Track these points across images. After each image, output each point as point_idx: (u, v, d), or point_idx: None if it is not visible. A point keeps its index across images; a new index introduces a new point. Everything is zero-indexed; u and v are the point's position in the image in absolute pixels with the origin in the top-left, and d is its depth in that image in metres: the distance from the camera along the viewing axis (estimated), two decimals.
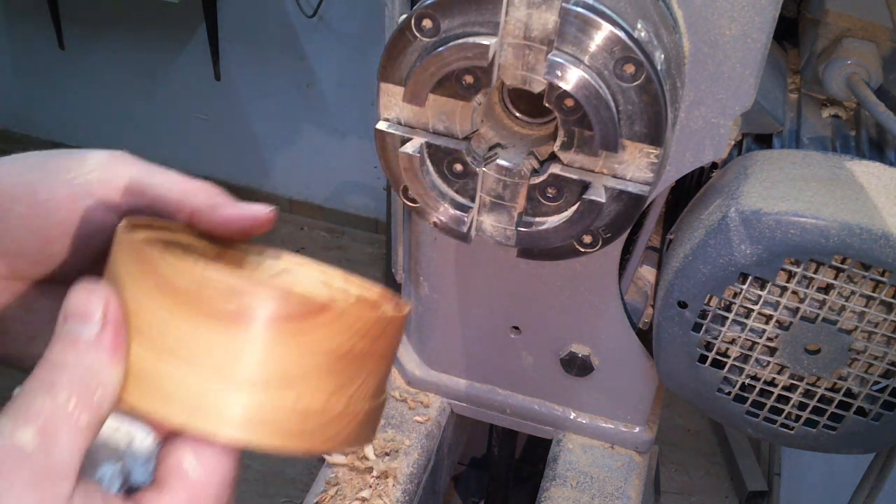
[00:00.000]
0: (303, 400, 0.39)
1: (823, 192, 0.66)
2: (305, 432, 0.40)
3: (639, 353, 0.83)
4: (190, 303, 0.38)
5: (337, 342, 0.40)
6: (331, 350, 0.40)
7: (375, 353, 0.43)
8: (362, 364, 0.42)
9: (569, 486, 0.86)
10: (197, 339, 0.38)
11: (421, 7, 0.52)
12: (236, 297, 0.38)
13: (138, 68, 3.13)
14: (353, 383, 0.42)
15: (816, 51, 0.80)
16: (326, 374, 0.40)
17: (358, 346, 0.41)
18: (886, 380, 0.69)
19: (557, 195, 0.56)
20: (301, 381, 0.39)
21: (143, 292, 0.39)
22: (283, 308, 0.38)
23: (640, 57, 0.50)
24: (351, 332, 0.40)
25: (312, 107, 3.03)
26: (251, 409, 0.38)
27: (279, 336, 0.38)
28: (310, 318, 0.39)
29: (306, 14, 2.78)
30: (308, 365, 0.39)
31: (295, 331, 0.38)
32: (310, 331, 0.39)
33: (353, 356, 0.41)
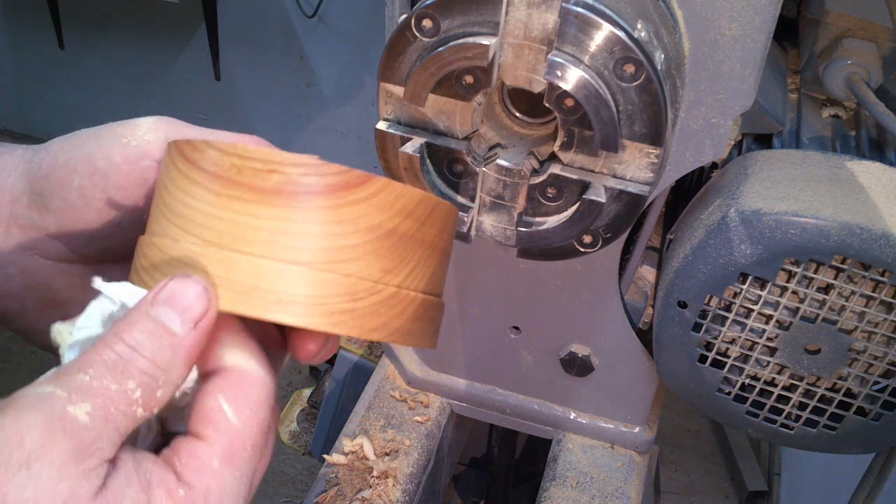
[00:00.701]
0: (350, 279, 0.38)
1: (823, 192, 0.66)
2: (356, 314, 0.39)
3: (639, 353, 0.83)
4: (231, 184, 0.37)
5: (380, 219, 0.39)
6: (374, 227, 0.39)
7: (423, 239, 0.41)
8: (409, 248, 0.41)
9: (569, 486, 0.86)
10: (240, 222, 0.38)
11: (421, 7, 0.52)
12: (274, 172, 0.37)
13: (138, 68, 3.13)
14: (403, 268, 0.41)
15: (816, 51, 0.80)
16: (372, 253, 0.39)
17: (403, 227, 0.40)
18: (886, 380, 0.69)
19: (557, 195, 0.56)
20: (346, 259, 0.38)
21: (188, 186, 0.39)
22: (321, 180, 0.37)
23: (640, 57, 0.50)
24: (394, 209, 0.39)
25: (312, 107, 3.03)
26: (300, 286, 0.38)
27: (320, 209, 0.38)
28: (350, 190, 0.38)
29: (306, 14, 2.78)
30: (352, 242, 0.38)
31: (335, 205, 0.38)
32: (351, 204, 0.38)
33: (399, 237, 0.40)
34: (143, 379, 0.35)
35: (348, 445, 0.87)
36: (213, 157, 0.38)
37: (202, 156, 0.39)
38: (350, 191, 0.38)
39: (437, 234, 0.43)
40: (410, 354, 0.96)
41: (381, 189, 0.39)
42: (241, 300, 0.37)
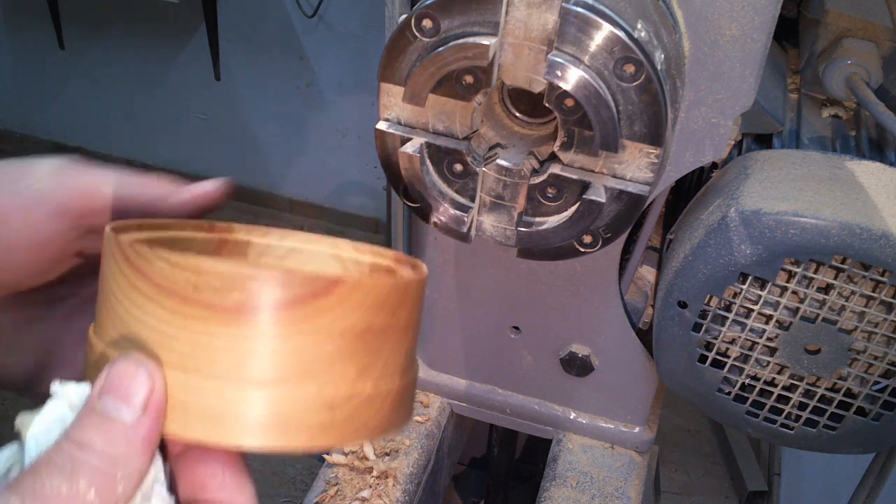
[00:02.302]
0: (326, 390, 0.36)
1: (823, 192, 0.66)
2: (335, 424, 0.36)
3: (639, 353, 0.83)
4: (187, 303, 0.34)
5: (352, 320, 0.36)
6: (347, 329, 0.36)
7: (397, 325, 0.39)
8: (384, 339, 0.38)
9: (569, 486, 0.86)
10: (201, 343, 0.35)
11: (421, 7, 0.52)
12: (233, 288, 0.34)
13: (138, 68, 3.13)
14: (378, 362, 0.38)
15: (816, 51, 0.80)
16: (347, 357, 0.36)
17: (377, 321, 0.37)
18: (886, 380, 0.69)
19: (557, 195, 0.56)
20: (320, 370, 0.36)
21: (138, 299, 0.36)
22: (287, 292, 0.34)
23: (640, 57, 0.50)
24: (366, 306, 0.36)
25: (312, 107, 3.03)
26: (272, 411, 0.35)
27: (288, 324, 0.35)
28: (318, 298, 0.35)
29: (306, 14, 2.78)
30: (325, 351, 0.36)
31: (304, 315, 0.35)
32: (320, 313, 0.35)
33: (373, 333, 0.37)
34: (96, 477, 0.33)
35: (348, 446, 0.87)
36: (165, 270, 0.35)
37: (151, 266, 0.35)
38: (319, 299, 0.35)
39: (410, 312, 0.40)
40: None
41: (352, 290, 0.36)
42: (210, 429, 0.35)
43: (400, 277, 0.40)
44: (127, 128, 3.31)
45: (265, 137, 3.18)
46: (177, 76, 3.11)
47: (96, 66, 3.17)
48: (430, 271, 0.87)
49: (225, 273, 0.34)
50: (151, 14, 2.95)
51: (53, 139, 3.43)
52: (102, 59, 3.15)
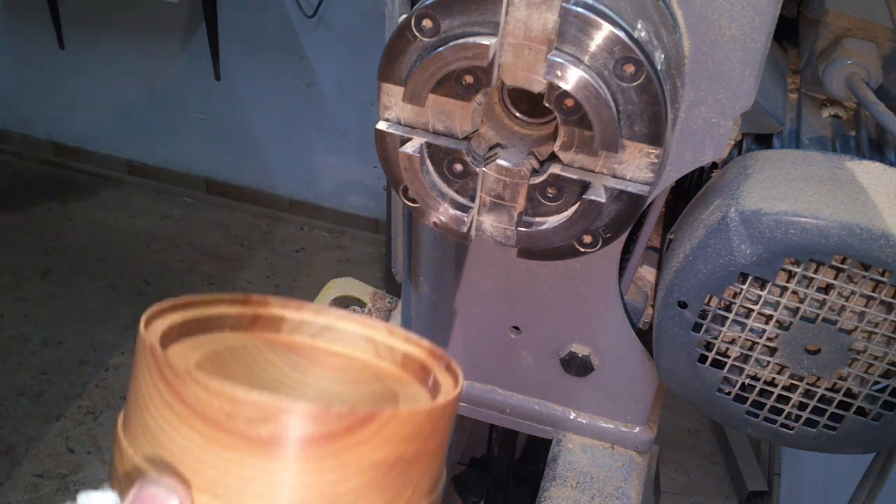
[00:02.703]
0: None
1: (823, 192, 0.66)
2: None
3: (639, 353, 0.83)
4: (220, 430, 0.34)
5: (384, 453, 0.36)
6: (378, 463, 0.36)
7: (429, 450, 0.39)
8: (415, 466, 0.38)
9: (569, 486, 0.86)
10: (232, 471, 0.35)
11: (421, 7, 0.52)
12: (268, 420, 0.34)
13: (138, 68, 3.13)
14: (407, 490, 0.38)
15: (816, 51, 0.80)
16: (376, 488, 0.36)
17: (409, 451, 0.37)
18: (886, 380, 0.69)
19: (557, 195, 0.56)
20: (349, 500, 0.36)
21: (171, 418, 0.36)
22: (321, 427, 0.34)
23: (640, 57, 0.50)
24: (399, 438, 0.36)
25: (312, 107, 3.03)
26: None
27: (319, 459, 0.35)
28: (352, 433, 0.35)
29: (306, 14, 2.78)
30: (355, 483, 0.36)
31: (336, 450, 0.35)
32: (353, 447, 0.35)
33: (405, 462, 0.37)
34: None
35: None
36: (199, 394, 0.35)
37: (186, 388, 0.35)
38: (353, 433, 0.35)
39: (443, 434, 0.40)
40: None
41: (387, 423, 0.36)
42: None
43: (436, 404, 0.39)
44: (127, 128, 3.31)
45: (265, 137, 3.18)
46: (177, 76, 3.11)
47: (96, 66, 3.17)
48: (430, 271, 0.87)
49: (259, 404, 0.34)
50: (151, 14, 2.95)
51: (53, 139, 3.43)
52: (102, 59, 3.15)
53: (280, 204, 3.32)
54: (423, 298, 0.88)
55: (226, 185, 3.34)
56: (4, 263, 2.93)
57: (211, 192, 3.37)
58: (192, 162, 3.33)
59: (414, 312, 0.92)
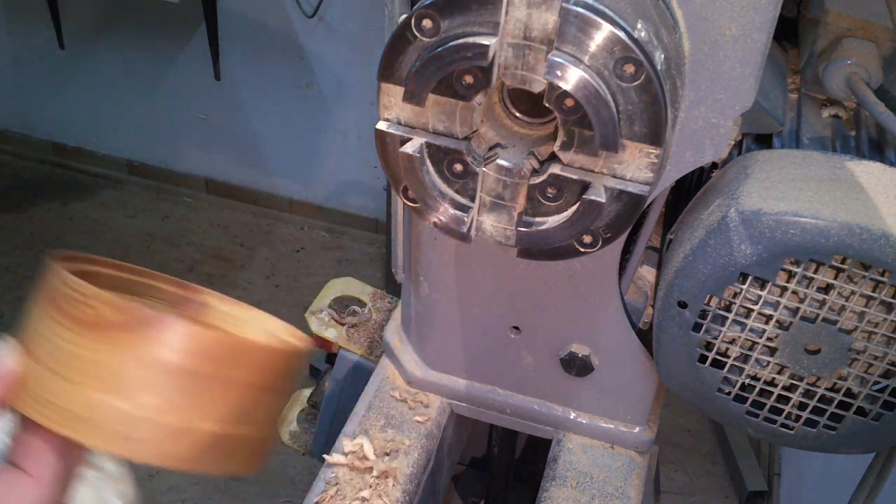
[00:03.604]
0: (131, 407, 0.42)
1: (823, 192, 0.66)
2: (133, 439, 0.43)
3: (639, 353, 0.83)
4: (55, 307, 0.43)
5: (171, 358, 0.42)
6: (163, 363, 0.42)
7: (221, 376, 0.44)
8: (204, 385, 0.44)
9: (569, 486, 0.86)
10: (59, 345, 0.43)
11: (421, 7, 0.52)
12: (85, 303, 0.42)
13: (138, 68, 3.13)
14: (193, 403, 0.44)
15: (816, 51, 0.80)
16: (159, 387, 0.43)
17: (197, 366, 0.43)
18: (886, 380, 0.69)
19: (557, 195, 0.56)
20: (131, 390, 0.42)
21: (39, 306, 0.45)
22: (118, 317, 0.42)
23: (640, 57, 0.50)
24: (187, 350, 0.43)
25: (312, 107, 3.03)
26: (84, 408, 0.42)
27: (115, 343, 0.42)
28: (145, 329, 0.42)
29: (306, 14, 2.79)
30: (138, 375, 0.42)
31: (129, 339, 0.42)
32: (144, 342, 0.42)
33: (191, 375, 0.43)
34: None
35: (348, 445, 0.87)
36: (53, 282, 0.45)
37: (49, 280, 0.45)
38: (145, 329, 0.42)
39: (246, 373, 0.45)
40: (410, 354, 0.96)
41: (176, 330, 0.42)
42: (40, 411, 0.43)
43: (233, 334, 0.47)
44: (127, 128, 3.31)
45: (265, 138, 3.18)
46: (177, 76, 3.11)
47: (96, 66, 3.17)
48: (430, 271, 0.88)
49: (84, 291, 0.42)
50: (151, 14, 2.95)
51: (53, 139, 3.43)
52: (102, 59, 3.15)
53: (280, 204, 3.32)
54: (423, 298, 0.88)
55: (226, 185, 3.34)
56: (4, 263, 2.93)
57: (211, 192, 3.37)
58: (192, 162, 3.33)
59: (414, 312, 0.92)
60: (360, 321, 1.19)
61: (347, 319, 1.19)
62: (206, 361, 0.44)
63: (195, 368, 0.43)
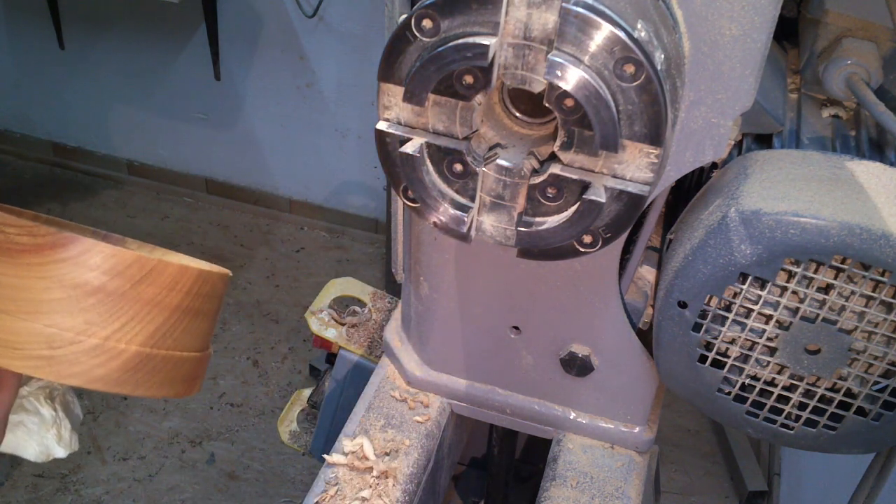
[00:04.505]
0: (48, 329, 0.43)
1: (823, 192, 0.66)
2: (55, 359, 0.43)
3: (639, 353, 0.83)
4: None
5: (86, 276, 0.43)
6: (79, 284, 0.43)
7: (140, 297, 0.45)
8: (122, 304, 0.44)
9: (569, 486, 0.86)
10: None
11: (421, 7, 0.52)
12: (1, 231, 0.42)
13: (138, 68, 3.13)
14: (112, 322, 0.44)
15: (816, 51, 0.80)
16: (76, 307, 0.43)
17: (112, 285, 0.44)
18: (886, 380, 0.69)
19: (557, 195, 0.56)
20: (47, 312, 0.43)
21: None
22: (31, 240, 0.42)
23: (640, 57, 0.50)
24: (102, 269, 0.43)
25: (312, 107, 3.03)
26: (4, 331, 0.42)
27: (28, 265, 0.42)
28: (56, 249, 0.42)
29: (306, 14, 2.78)
30: (57, 294, 0.42)
31: (42, 261, 0.42)
32: (58, 262, 0.42)
33: (108, 294, 0.44)
34: None
35: (348, 445, 0.87)
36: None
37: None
38: (57, 250, 0.42)
39: (166, 293, 0.46)
40: (410, 354, 0.96)
41: (88, 250, 0.42)
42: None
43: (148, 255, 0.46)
44: (127, 128, 3.31)
45: (265, 137, 3.18)
46: (177, 76, 3.11)
47: (96, 66, 3.17)
48: (430, 271, 0.87)
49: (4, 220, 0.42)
50: (151, 14, 2.95)
51: (53, 139, 3.43)
52: (102, 59, 3.15)
53: (280, 204, 3.32)
54: (423, 298, 0.88)
55: (226, 185, 3.34)
56: None
57: (211, 192, 3.37)
58: (192, 162, 3.33)
59: (414, 312, 0.92)
60: (360, 321, 1.19)
61: (347, 319, 1.19)
62: (125, 281, 0.44)
63: (113, 288, 0.44)
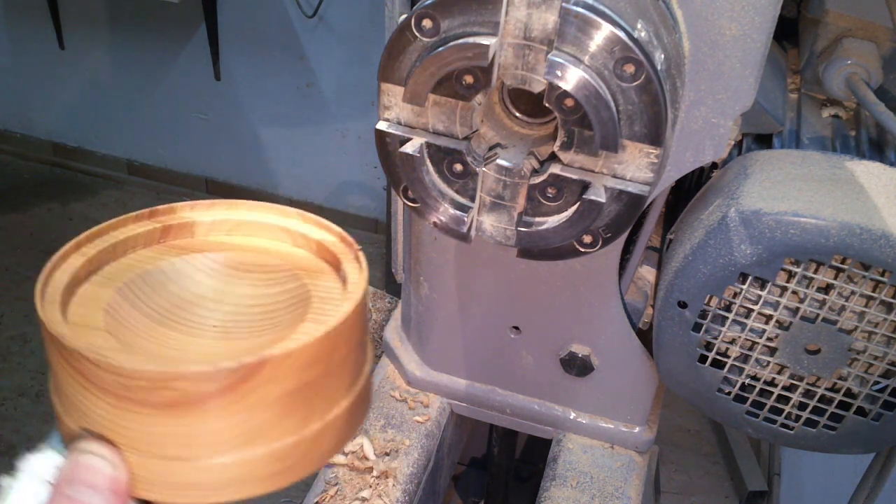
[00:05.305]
0: (272, 447, 0.39)
1: (823, 192, 0.66)
2: (288, 469, 0.39)
3: (639, 353, 0.83)
4: (123, 400, 0.36)
5: (286, 385, 0.38)
6: (283, 395, 0.38)
7: (335, 362, 0.40)
8: (323, 381, 0.40)
9: (569, 486, 0.86)
10: (145, 430, 0.37)
11: (421, 7, 0.52)
12: (162, 388, 0.36)
13: (138, 68, 3.13)
14: (320, 402, 0.40)
15: (816, 51, 0.80)
16: (286, 414, 0.39)
17: (313, 374, 0.39)
18: (886, 380, 0.69)
19: (557, 195, 0.56)
20: (262, 434, 0.38)
21: (81, 391, 0.37)
22: (214, 385, 0.36)
23: (640, 57, 0.50)
24: (297, 368, 0.38)
25: (312, 107, 3.03)
26: (225, 477, 0.38)
27: (222, 408, 0.37)
28: (247, 381, 0.37)
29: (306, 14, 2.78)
30: (263, 418, 0.38)
31: (236, 398, 0.37)
32: (252, 390, 0.37)
33: (309, 384, 0.39)
34: None
35: (348, 445, 0.87)
36: (94, 371, 0.36)
37: (82, 365, 0.37)
38: (248, 381, 0.37)
39: (347, 344, 0.41)
40: (410, 354, 0.96)
41: (280, 363, 0.38)
42: (171, 493, 0.38)
43: (330, 327, 0.40)
44: (127, 128, 3.31)
45: (265, 137, 3.18)
46: (177, 76, 3.11)
47: (96, 66, 3.17)
48: (430, 271, 0.87)
49: (149, 375, 0.36)
50: (151, 14, 2.95)
51: (53, 139, 3.43)
52: (102, 59, 3.15)
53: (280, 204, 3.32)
54: (423, 298, 0.88)
55: (226, 185, 3.34)
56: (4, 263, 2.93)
57: (211, 192, 3.37)
58: (192, 162, 3.33)
59: (414, 312, 0.92)
60: None
61: None
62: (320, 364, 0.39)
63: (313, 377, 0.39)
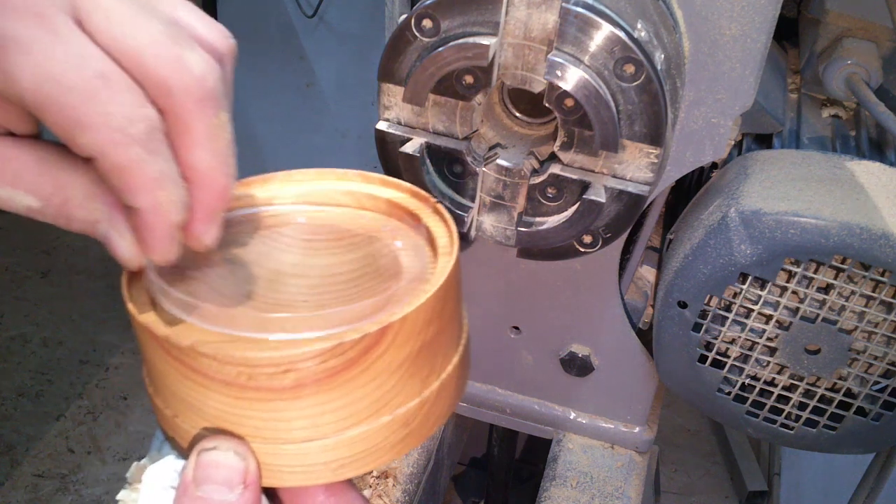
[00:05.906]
0: (398, 413, 0.38)
1: (823, 192, 0.66)
2: (415, 431, 0.39)
3: (639, 353, 0.83)
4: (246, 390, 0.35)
5: (407, 349, 0.37)
6: (405, 359, 0.37)
7: (444, 319, 0.39)
8: (438, 340, 0.39)
9: (569, 486, 0.86)
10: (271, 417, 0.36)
11: (421, 7, 0.52)
12: (287, 371, 0.35)
13: None
14: (437, 359, 0.39)
15: (816, 51, 0.80)
16: (409, 378, 0.38)
17: (428, 336, 0.38)
18: (886, 380, 0.69)
19: (557, 195, 0.56)
20: (388, 402, 0.37)
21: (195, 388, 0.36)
22: (340, 360, 0.35)
23: (640, 57, 0.50)
24: (417, 330, 0.37)
25: (312, 107, 3.03)
26: (356, 450, 0.37)
27: (349, 381, 0.36)
28: (371, 350, 0.36)
29: (306, 14, 2.78)
30: (390, 382, 0.37)
31: (362, 369, 0.36)
32: (377, 359, 0.36)
33: (427, 344, 0.38)
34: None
35: None
36: (213, 366, 0.35)
37: (197, 363, 0.36)
38: (372, 351, 0.36)
39: (454, 302, 0.40)
40: None
41: (399, 329, 0.36)
42: (303, 477, 0.37)
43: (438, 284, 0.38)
44: None
45: (265, 138, 3.18)
46: None
47: None
48: None
49: (274, 360, 0.35)
50: None
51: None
52: None
53: None
54: None
55: None
56: (4, 263, 2.93)
57: None
58: None
59: None
60: None
61: None
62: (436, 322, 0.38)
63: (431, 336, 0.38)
